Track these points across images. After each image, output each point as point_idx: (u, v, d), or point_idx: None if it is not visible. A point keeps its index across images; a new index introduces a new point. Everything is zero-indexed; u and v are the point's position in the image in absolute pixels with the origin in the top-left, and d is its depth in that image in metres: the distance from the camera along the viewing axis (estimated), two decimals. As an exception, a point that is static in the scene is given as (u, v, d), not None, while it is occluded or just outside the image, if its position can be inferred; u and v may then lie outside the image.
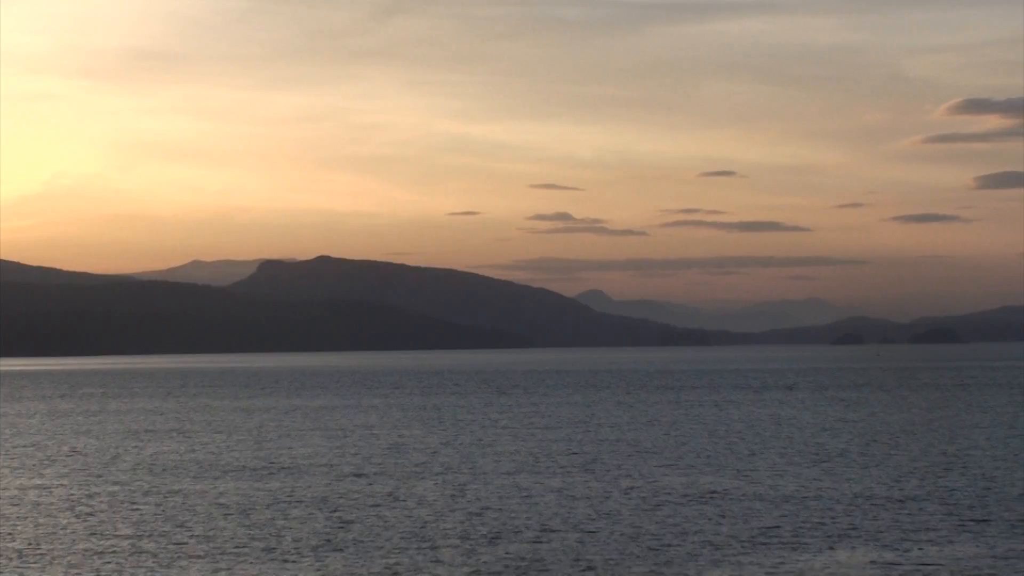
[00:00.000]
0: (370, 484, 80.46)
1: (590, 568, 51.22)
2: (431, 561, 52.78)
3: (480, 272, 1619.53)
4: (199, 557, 54.07)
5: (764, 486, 77.29)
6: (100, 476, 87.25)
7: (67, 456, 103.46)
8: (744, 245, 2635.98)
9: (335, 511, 67.72)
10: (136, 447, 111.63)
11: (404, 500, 72.14)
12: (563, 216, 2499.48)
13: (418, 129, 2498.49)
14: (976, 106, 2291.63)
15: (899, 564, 51.56)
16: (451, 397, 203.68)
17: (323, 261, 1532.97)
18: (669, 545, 56.14)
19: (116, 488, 79.64)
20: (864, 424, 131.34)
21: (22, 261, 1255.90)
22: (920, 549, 54.79)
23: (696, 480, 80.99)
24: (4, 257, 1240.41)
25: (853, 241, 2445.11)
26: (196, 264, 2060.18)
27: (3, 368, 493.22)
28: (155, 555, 54.66)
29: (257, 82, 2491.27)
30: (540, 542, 57.17)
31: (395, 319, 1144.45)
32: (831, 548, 55.15)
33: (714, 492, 74.53)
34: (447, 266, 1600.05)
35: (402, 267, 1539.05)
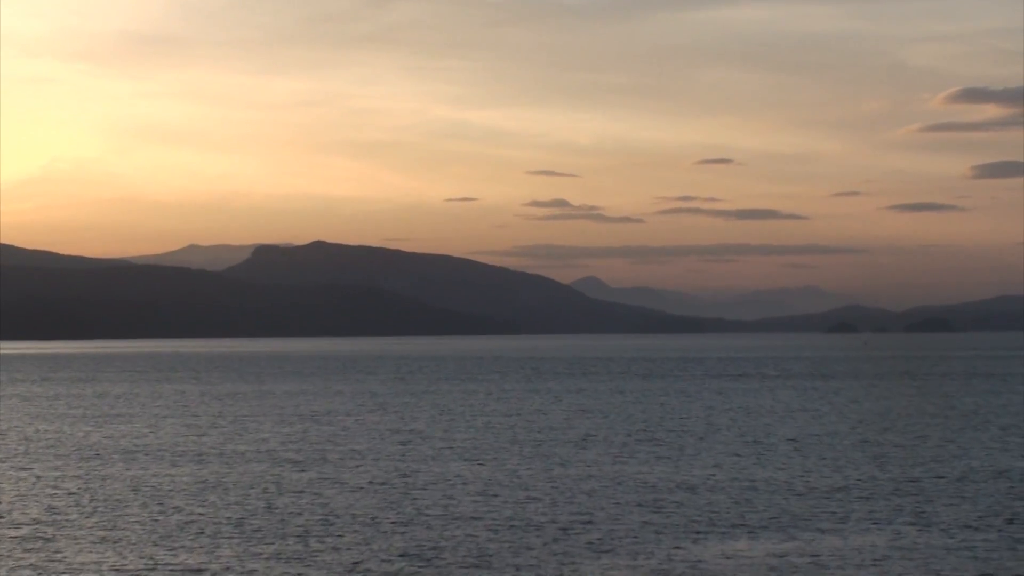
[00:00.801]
0: (302, 471, 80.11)
1: (484, 555, 50.85)
2: (328, 548, 52.44)
3: (477, 258, 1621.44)
4: (95, 542, 53.71)
5: (694, 475, 76.96)
6: (36, 461, 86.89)
7: (10, 441, 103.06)
8: (741, 233, 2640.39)
9: (254, 497, 67.39)
10: (85, 432, 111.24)
11: (329, 486, 71.81)
12: (560, 203, 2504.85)
13: (416, 115, 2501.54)
14: (974, 95, 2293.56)
15: (792, 554, 51.24)
16: (420, 383, 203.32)
17: (318, 246, 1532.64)
18: (574, 533, 55.77)
19: (44, 473, 79.28)
20: (820, 413, 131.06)
21: (19, 244, 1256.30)
22: (821, 540, 54.45)
23: (627, 469, 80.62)
24: (1, 241, 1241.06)
25: (850, 230, 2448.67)
26: (193, 248, 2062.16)
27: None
28: (51, 540, 54.31)
29: (255, 67, 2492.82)
30: (445, 530, 56.80)
31: (389, 305, 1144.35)
32: (733, 537, 54.84)
33: (642, 481, 74.19)
34: (444, 252, 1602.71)
35: (397, 253, 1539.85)
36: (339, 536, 55.29)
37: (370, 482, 74.03)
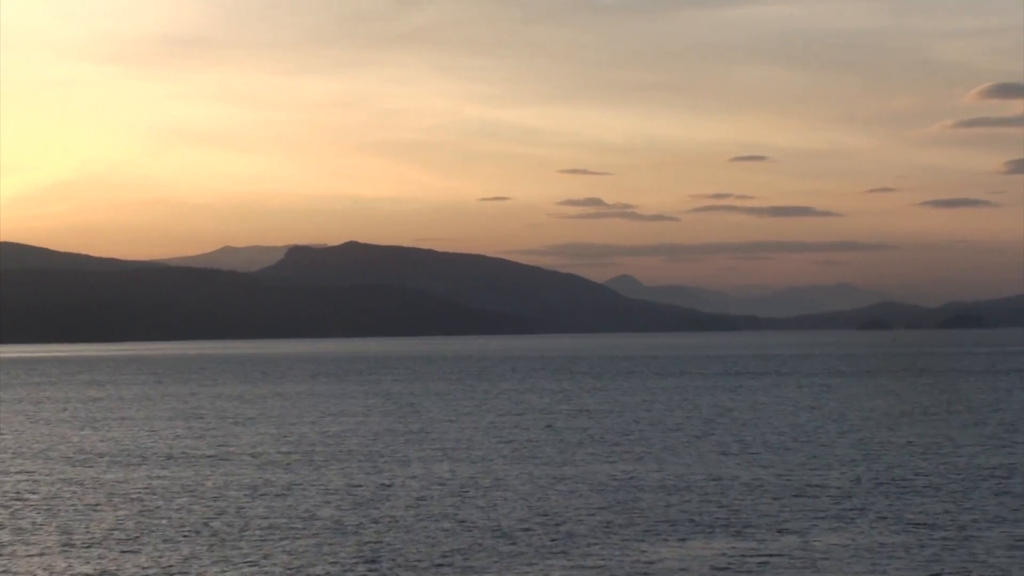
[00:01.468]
0: (286, 472, 79.89)
1: (432, 557, 50.53)
2: (281, 551, 52.23)
3: (510, 258, 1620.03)
4: (49, 548, 53.53)
5: (675, 475, 76.47)
6: (21, 465, 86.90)
7: (3, 445, 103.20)
8: (775, 230, 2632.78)
9: (226, 500, 67.19)
10: (78, 435, 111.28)
11: (305, 489, 71.60)
12: (594, 201, 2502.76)
13: (448, 114, 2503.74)
14: (1006, 90, 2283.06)
15: (743, 554, 50.78)
16: (436, 383, 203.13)
17: (351, 247, 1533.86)
18: (534, 535, 55.37)
19: (24, 477, 79.26)
20: (826, 411, 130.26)
21: (52, 247, 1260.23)
22: (777, 540, 53.91)
23: (609, 469, 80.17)
24: (34, 244, 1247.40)
25: (883, 226, 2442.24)
26: (226, 250, 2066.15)
27: (24, 355, 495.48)
28: (5, 545, 54.22)
29: (288, 67, 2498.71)
30: (403, 532, 56.46)
31: (422, 304, 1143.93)
32: (689, 538, 54.37)
33: (621, 481, 73.68)
34: (477, 252, 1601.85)
35: (430, 252, 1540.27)
36: (295, 539, 55.06)
37: (348, 484, 73.83)
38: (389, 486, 72.54)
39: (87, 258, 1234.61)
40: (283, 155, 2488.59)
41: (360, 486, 72.81)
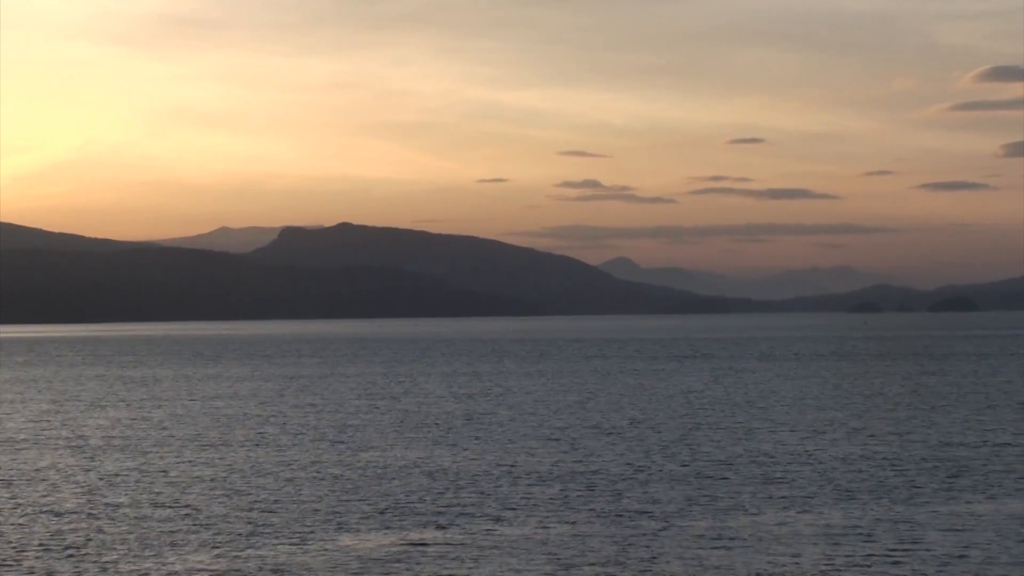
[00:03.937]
0: (91, 459, 79.74)
1: (66, 546, 50.65)
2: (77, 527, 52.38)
3: (508, 240, 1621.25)
4: None
5: (463, 461, 76.32)
6: None
7: None
8: (773, 212, 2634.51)
9: (38, 487, 67.34)
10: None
11: (85, 475, 71.67)
12: (592, 183, 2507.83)
13: (449, 96, 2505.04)
14: (1004, 73, 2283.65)
15: (426, 544, 50.75)
16: (360, 365, 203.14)
17: (345, 228, 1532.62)
18: (227, 520, 55.42)
19: None
20: (709, 396, 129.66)
21: (46, 228, 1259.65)
22: (470, 530, 53.89)
23: (407, 454, 79.91)
24: (30, 224, 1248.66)
25: (882, 209, 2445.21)
26: (224, 231, 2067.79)
27: (8, 335, 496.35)
28: None
29: (289, 49, 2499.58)
30: (101, 517, 56.51)
31: (417, 286, 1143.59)
32: (389, 527, 54.23)
33: (397, 467, 73.47)
34: (476, 233, 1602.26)
35: (424, 234, 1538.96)
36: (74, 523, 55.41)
37: (125, 469, 73.66)
38: (167, 472, 72.52)
39: (80, 238, 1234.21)
40: (283, 136, 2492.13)
41: (137, 471, 72.85)
